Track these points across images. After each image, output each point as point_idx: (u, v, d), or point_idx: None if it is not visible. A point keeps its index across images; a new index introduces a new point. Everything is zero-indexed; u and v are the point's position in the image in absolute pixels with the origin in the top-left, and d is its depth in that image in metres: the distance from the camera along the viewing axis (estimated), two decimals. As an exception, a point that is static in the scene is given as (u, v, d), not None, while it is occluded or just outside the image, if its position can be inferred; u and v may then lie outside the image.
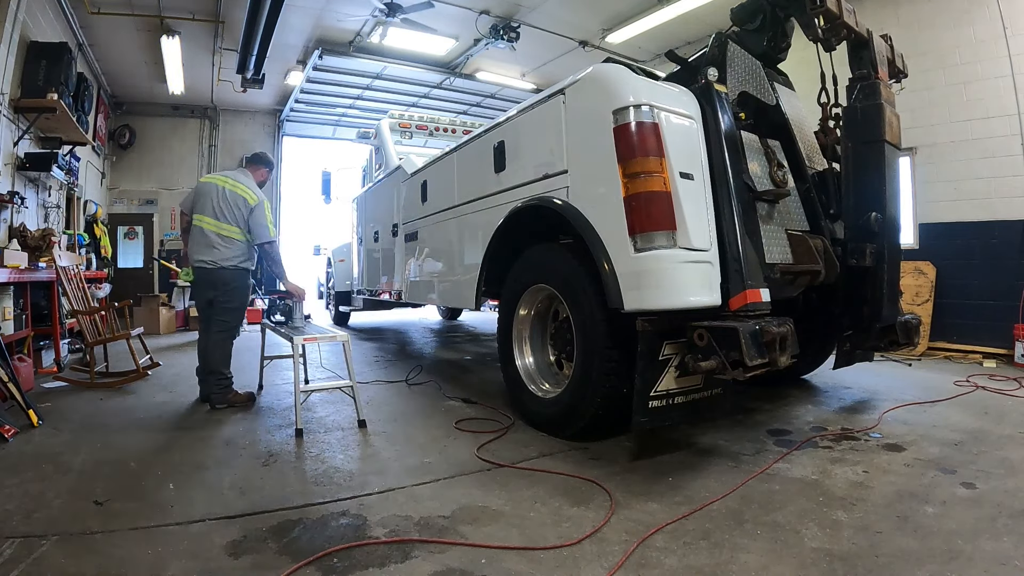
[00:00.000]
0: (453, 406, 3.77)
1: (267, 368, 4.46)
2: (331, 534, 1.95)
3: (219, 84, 9.41)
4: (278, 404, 3.87)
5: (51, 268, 5.08)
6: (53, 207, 6.72)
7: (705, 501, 2.19)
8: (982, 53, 5.28)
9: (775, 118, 3.33)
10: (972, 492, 2.23)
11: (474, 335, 7.97)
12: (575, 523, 2.03)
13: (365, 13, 7.17)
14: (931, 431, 3.04)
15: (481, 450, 2.83)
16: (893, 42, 3.41)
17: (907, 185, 5.54)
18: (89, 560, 1.77)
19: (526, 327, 3.47)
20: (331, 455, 2.81)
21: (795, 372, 4.14)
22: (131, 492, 2.32)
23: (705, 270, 2.51)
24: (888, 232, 3.11)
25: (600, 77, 2.79)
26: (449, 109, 10.38)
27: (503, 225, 3.44)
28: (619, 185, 2.55)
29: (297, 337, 3.41)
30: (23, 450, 2.86)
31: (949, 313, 5.52)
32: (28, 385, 4.06)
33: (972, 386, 4.06)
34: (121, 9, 6.78)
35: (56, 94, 5.61)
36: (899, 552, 1.77)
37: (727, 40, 3.09)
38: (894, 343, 3.30)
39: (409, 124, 6.89)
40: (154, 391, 4.28)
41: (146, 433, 3.18)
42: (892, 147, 3.15)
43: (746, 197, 2.71)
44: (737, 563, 1.74)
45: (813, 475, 2.45)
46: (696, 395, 2.65)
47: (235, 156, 11.19)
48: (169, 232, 10.70)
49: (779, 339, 2.33)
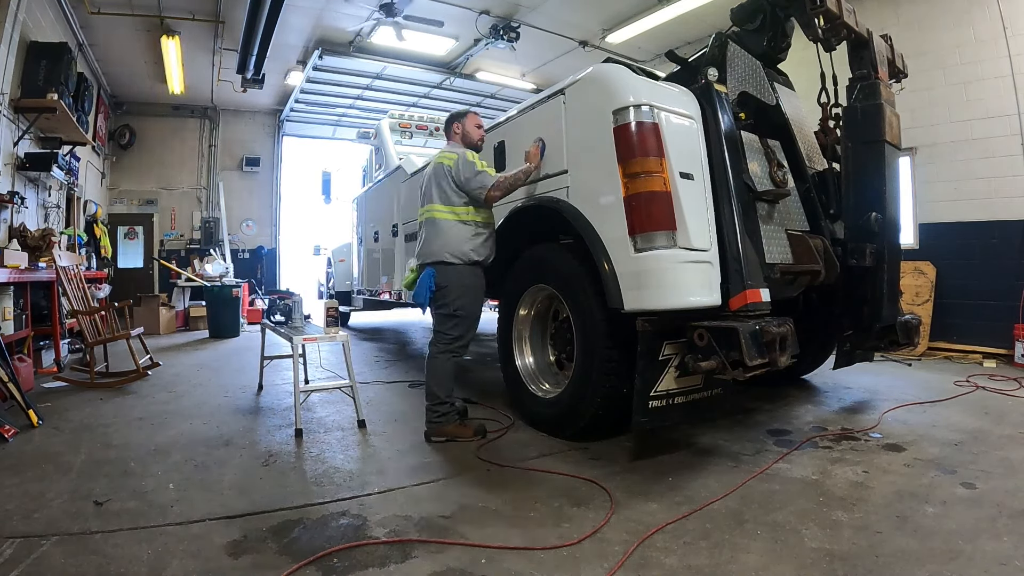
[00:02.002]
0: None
1: (267, 368, 4.46)
2: (331, 534, 1.95)
3: (219, 84, 9.40)
4: (278, 404, 3.87)
5: (51, 268, 5.08)
6: (53, 207, 6.72)
7: (705, 501, 2.18)
8: (982, 53, 5.28)
9: (775, 118, 3.33)
10: (972, 492, 2.23)
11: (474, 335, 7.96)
12: (575, 523, 2.03)
13: (365, 13, 7.17)
14: (931, 431, 3.04)
15: (481, 450, 2.83)
16: (893, 42, 3.41)
17: (907, 185, 5.53)
18: (89, 560, 1.77)
19: (526, 327, 3.47)
20: (331, 455, 2.81)
21: (795, 372, 4.14)
22: (131, 492, 2.32)
23: (705, 270, 2.51)
24: (888, 232, 3.11)
25: (600, 77, 2.79)
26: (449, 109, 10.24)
27: (503, 225, 3.43)
28: (619, 185, 2.55)
29: (297, 337, 3.41)
30: (23, 450, 2.86)
31: (949, 313, 5.52)
32: (28, 385, 4.06)
33: (972, 386, 4.06)
34: (121, 9, 6.77)
35: (56, 94, 5.61)
36: (899, 552, 1.77)
37: (727, 40, 3.09)
38: (894, 343, 3.30)
39: (409, 124, 6.89)
40: (154, 391, 4.27)
41: (146, 433, 3.18)
42: (892, 147, 3.15)
43: (746, 197, 2.71)
44: (737, 563, 1.74)
45: (813, 475, 2.45)
46: (696, 395, 2.65)
47: (235, 156, 11.20)
48: (169, 232, 10.71)
49: (779, 339, 2.33)
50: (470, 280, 3.05)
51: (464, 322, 3.06)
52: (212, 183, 10.92)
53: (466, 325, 3.08)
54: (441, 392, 3.03)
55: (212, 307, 8.08)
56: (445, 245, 3.01)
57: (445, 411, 3.04)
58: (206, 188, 10.94)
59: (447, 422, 3.03)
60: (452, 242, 3.00)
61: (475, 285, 3.07)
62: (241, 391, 4.27)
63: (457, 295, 3.01)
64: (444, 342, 3.05)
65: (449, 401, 3.07)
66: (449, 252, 2.99)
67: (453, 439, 2.99)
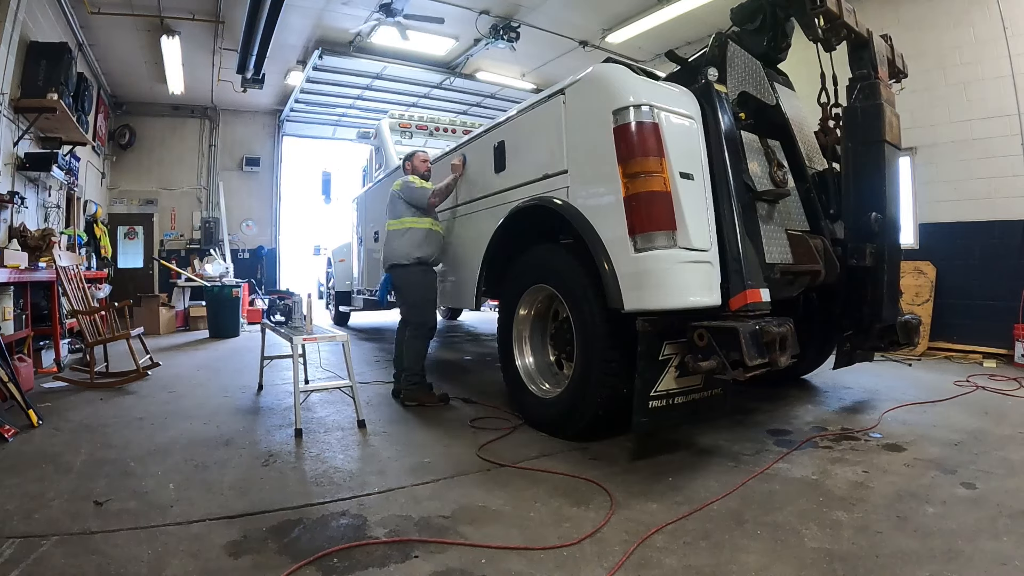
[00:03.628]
0: (453, 406, 3.77)
1: (267, 368, 4.46)
2: (331, 534, 1.95)
3: (219, 84, 9.41)
4: (278, 404, 3.87)
5: (51, 268, 5.08)
6: (53, 207, 6.72)
7: (705, 501, 2.18)
8: (982, 53, 5.28)
9: (775, 118, 3.33)
10: (972, 492, 2.23)
11: (474, 335, 7.97)
12: (575, 523, 2.02)
13: (365, 13, 7.17)
14: (931, 431, 3.04)
15: (482, 450, 2.83)
16: (893, 42, 3.41)
17: (907, 185, 5.54)
18: (89, 560, 1.77)
19: (526, 327, 3.47)
20: (331, 455, 2.81)
21: (795, 372, 4.14)
22: (131, 492, 2.32)
23: (705, 270, 2.51)
24: (888, 232, 3.11)
25: (600, 77, 2.79)
26: (449, 109, 10.37)
27: (503, 225, 3.43)
28: (619, 185, 2.56)
29: (297, 337, 3.41)
30: (23, 450, 2.86)
31: (949, 313, 5.52)
32: (28, 385, 4.06)
33: (972, 386, 4.06)
34: (121, 9, 6.77)
35: (56, 94, 5.61)
36: (899, 552, 1.77)
37: (727, 40, 3.09)
38: (894, 343, 3.30)
39: (409, 124, 6.89)
40: (154, 391, 4.27)
41: (146, 433, 3.18)
42: (892, 147, 3.15)
43: (746, 197, 2.71)
44: (737, 563, 1.73)
45: (813, 475, 2.45)
46: (696, 395, 2.65)
47: (235, 156, 11.20)
48: (169, 232, 10.71)
49: (779, 339, 2.33)
50: (418, 277, 3.89)
51: (423, 309, 3.91)
52: (212, 183, 10.92)
53: (426, 311, 3.92)
54: (416, 367, 3.84)
55: (212, 307, 8.08)
56: (394, 251, 3.90)
57: (417, 381, 3.83)
58: (206, 188, 10.94)
59: (418, 391, 3.80)
60: (399, 249, 3.88)
61: (424, 279, 3.92)
62: (241, 391, 4.27)
63: (411, 290, 3.91)
64: (413, 327, 3.89)
65: (422, 374, 3.87)
66: (397, 257, 3.88)
67: (422, 404, 3.74)
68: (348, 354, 3.46)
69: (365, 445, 3.00)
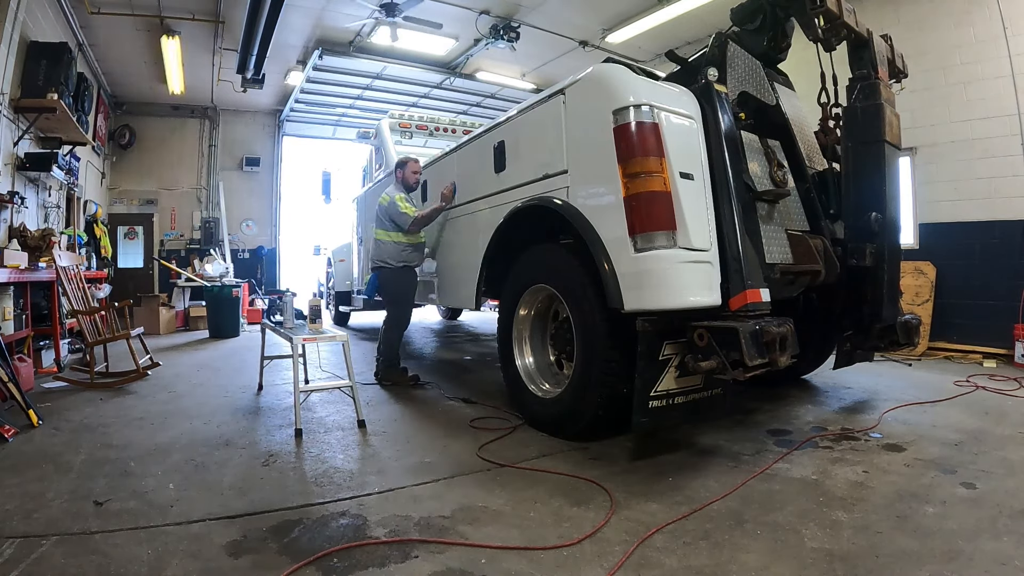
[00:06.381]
0: (453, 406, 3.77)
1: (267, 368, 4.46)
2: (331, 534, 1.95)
3: (219, 84, 9.40)
4: (278, 404, 3.87)
5: (51, 268, 5.08)
6: (53, 207, 6.71)
7: (705, 501, 2.18)
8: (982, 53, 5.28)
9: (775, 118, 3.33)
10: (972, 492, 2.23)
11: (474, 335, 7.97)
12: (575, 523, 2.03)
13: (365, 13, 7.17)
14: (931, 431, 3.04)
15: (482, 450, 2.83)
16: (893, 42, 3.41)
17: (907, 185, 5.53)
18: (89, 560, 1.77)
19: (526, 327, 3.47)
20: (331, 455, 2.81)
21: (795, 372, 4.14)
22: (131, 492, 2.32)
23: (705, 270, 2.51)
24: (888, 232, 3.11)
25: (600, 77, 2.79)
26: (449, 109, 10.37)
27: (503, 225, 3.43)
28: (619, 185, 2.55)
29: (297, 337, 3.41)
30: (23, 450, 2.86)
31: (949, 313, 5.52)
32: (28, 385, 4.06)
33: (972, 386, 4.06)
34: (121, 9, 6.77)
35: (56, 94, 5.61)
36: (899, 552, 1.77)
37: (727, 40, 3.09)
38: (894, 343, 3.30)
39: (409, 124, 6.88)
40: (154, 391, 4.27)
41: (146, 433, 3.18)
42: (892, 147, 3.15)
43: (746, 197, 2.71)
44: (737, 563, 1.74)
45: (813, 475, 2.45)
46: (696, 395, 2.65)
47: (235, 156, 11.20)
48: (169, 232, 10.71)
49: (779, 339, 2.33)
50: (400, 276, 4.40)
51: (401, 306, 4.51)
52: (212, 183, 10.92)
53: (405, 308, 4.54)
54: (389, 353, 4.45)
55: (212, 307, 8.07)
56: (379, 255, 4.41)
57: (391, 364, 4.45)
58: (206, 188, 10.94)
59: (393, 372, 4.44)
60: (384, 253, 4.38)
61: (404, 279, 4.44)
62: (241, 391, 4.27)
63: (393, 289, 4.45)
64: (393, 320, 4.46)
65: (397, 359, 4.49)
66: (383, 260, 4.39)
67: (396, 383, 4.36)
68: (348, 354, 3.46)
69: (365, 445, 3.00)
